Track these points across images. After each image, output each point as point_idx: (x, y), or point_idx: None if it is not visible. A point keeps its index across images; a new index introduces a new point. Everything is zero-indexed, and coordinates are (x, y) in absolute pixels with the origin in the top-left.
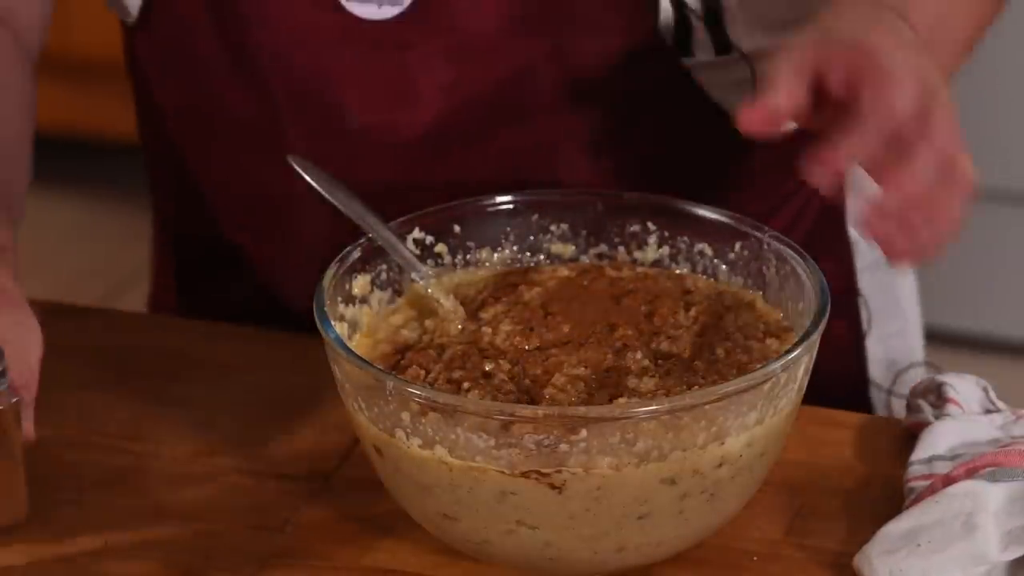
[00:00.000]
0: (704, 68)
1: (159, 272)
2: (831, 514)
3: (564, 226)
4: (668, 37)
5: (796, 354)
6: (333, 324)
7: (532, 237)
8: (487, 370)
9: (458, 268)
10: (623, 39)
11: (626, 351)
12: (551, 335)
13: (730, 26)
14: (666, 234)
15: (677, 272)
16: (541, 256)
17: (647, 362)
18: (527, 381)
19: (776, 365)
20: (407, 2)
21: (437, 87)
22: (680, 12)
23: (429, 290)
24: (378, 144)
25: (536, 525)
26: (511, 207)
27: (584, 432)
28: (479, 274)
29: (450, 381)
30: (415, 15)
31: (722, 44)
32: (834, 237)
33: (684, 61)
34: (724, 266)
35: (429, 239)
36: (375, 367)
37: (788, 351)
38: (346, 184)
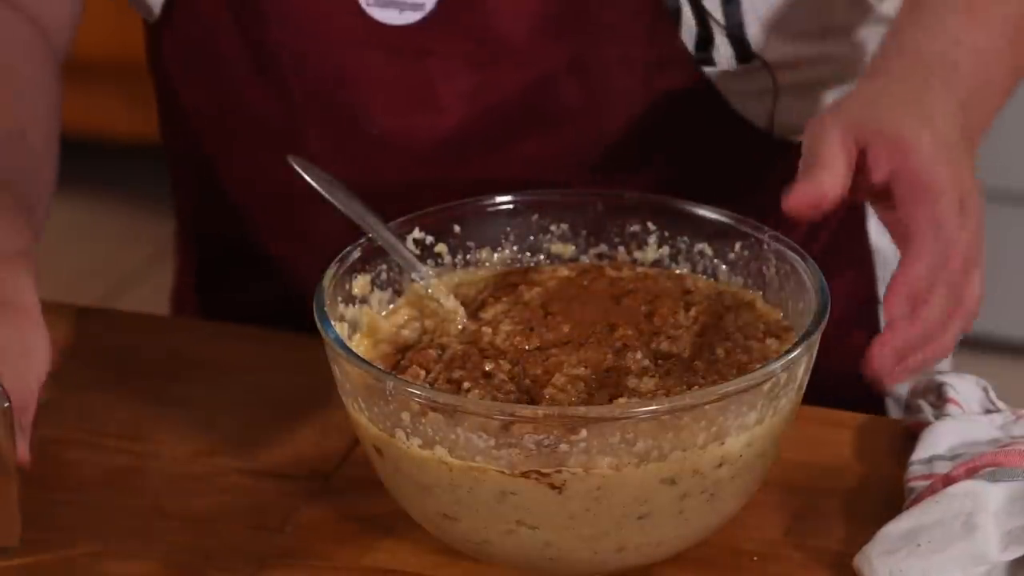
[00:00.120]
0: (725, 77)
1: (181, 271)
2: (831, 514)
3: (564, 226)
4: (690, 46)
5: (796, 354)
6: (333, 324)
7: (532, 237)
8: (487, 370)
9: (458, 268)
10: (644, 48)
11: (626, 351)
12: (551, 335)
13: (752, 35)
14: (666, 234)
15: (677, 272)
16: (541, 256)
17: (647, 362)
18: (527, 381)
19: (776, 365)
20: (429, 8)
21: (458, 94)
22: (702, 21)
23: (429, 290)
24: (398, 148)
25: (536, 525)
26: (511, 207)
27: (584, 432)
28: (479, 274)
29: (450, 381)
30: (437, 21)
31: (744, 53)
32: (855, 246)
33: (705, 70)
34: (724, 266)
35: (429, 239)
36: (375, 367)
37: (788, 351)
38: (346, 184)
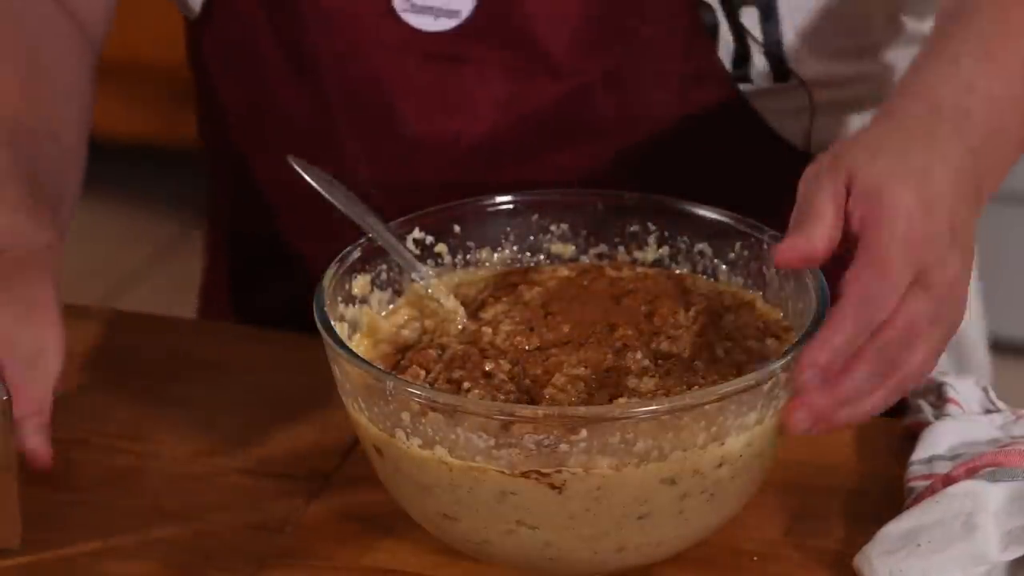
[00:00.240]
0: (762, 95)
1: (211, 269)
2: (831, 514)
3: (564, 226)
4: (727, 63)
5: (796, 354)
6: (333, 324)
7: (532, 237)
8: (487, 370)
9: (458, 268)
10: (681, 63)
11: (626, 351)
12: (551, 335)
13: (789, 53)
14: (666, 234)
15: (677, 272)
16: (541, 256)
17: (647, 362)
18: (527, 381)
19: (776, 365)
20: (464, 15)
21: (492, 101)
22: (740, 38)
23: (429, 290)
24: (432, 152)
25: (536, 525)
26: (511, 207)
27: (584, 432)
28: (479, 274)
29: (450, 381)
30: (472, 29)
31: (781, 71)
32: None
33: (741, 87)
34: (724, 266)
35: (429, 239)
36: (375, 367)
37: (788, 351)
38: (345, 185)
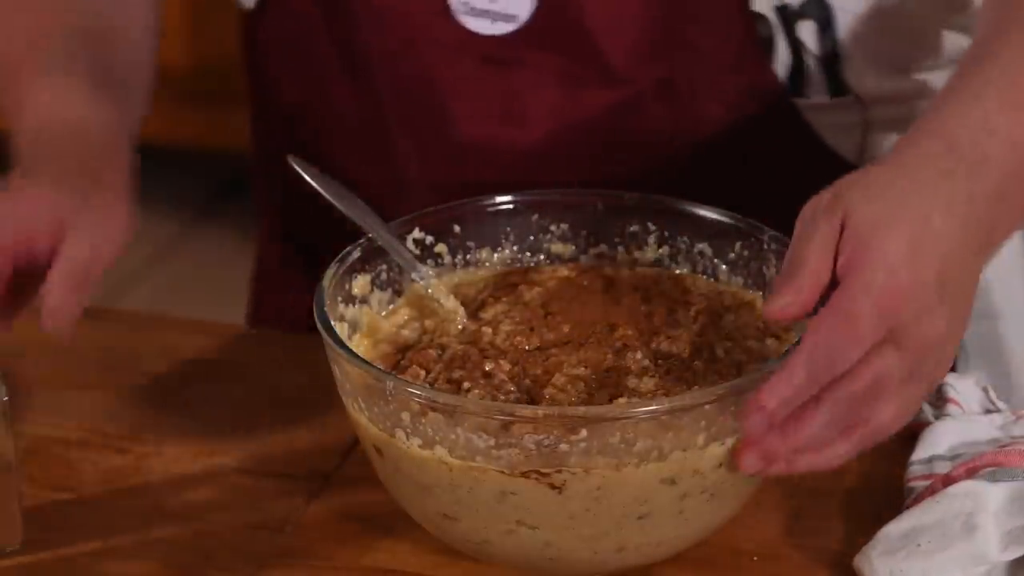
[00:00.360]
0: (816, 109)
1: (260, 277)
2: (831, 514)
3: (564, 226)
4: (782, 75)
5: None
6: (333, 324)
7: (532, 237)
8: (487, 370)
9: (458, 268)
10: (735, 75)
11: (626, 351)
12: (551, 335)
13: (846, 68)
14: (666, 234)
15: (677, 272)
16: (541, 256)
17: (647, 362)
18: (527, 381)
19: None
20: (522, 20)
21: (544, 108)
22: (796, 52)
23: (429, 290)
24: (482, 155)
25: (536, 525)
26: (511, 207)
27: (584, 432)
28: (479, 274)
29: (450, 381)
30: (530, 34)
31: (837, 86)
32: None
33: (796, 101)
34: (724, 266)
35: (429, 239)
36: (375, 367)
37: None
38: (346, 185)
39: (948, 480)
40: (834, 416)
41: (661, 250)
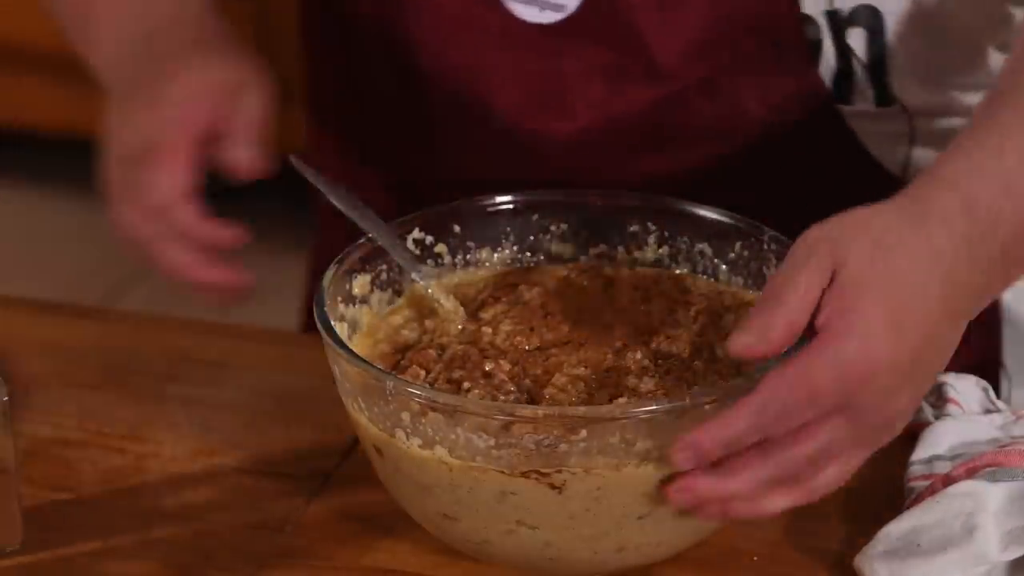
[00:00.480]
0: (861, 117)
1: (315, 273)
2: (831, 514)
3: (564, 226)
4: (828, 81)
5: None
6: (333, 324)
7: (532, 237)
8: (487, 370)
9: (458, 268)
10: (780, 78)
11: (626, 351)
12: (551, 335)
13: (894, 78)
14: (666, 234)
15: (677, 272)
16: (541, 256)
17: (647, 362)
18: (527, 381)
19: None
20: (570, 10)
21: (587, 100)
22: (844, 58)
23: (429, 290)
24: (523, 147)
25: (536, 525)
26: (511, 207)
27: (584, 432)
28: (479, 274)
29: (450, 381)
30: (577, 25)
31: (883, 95)
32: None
33: (841, 108)
34: (724, 266)
35: (429, 239)
36: (375, 367)
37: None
38: (346, 185)
39: (948, 480)
40: (775, 473)
41: (661, 250)
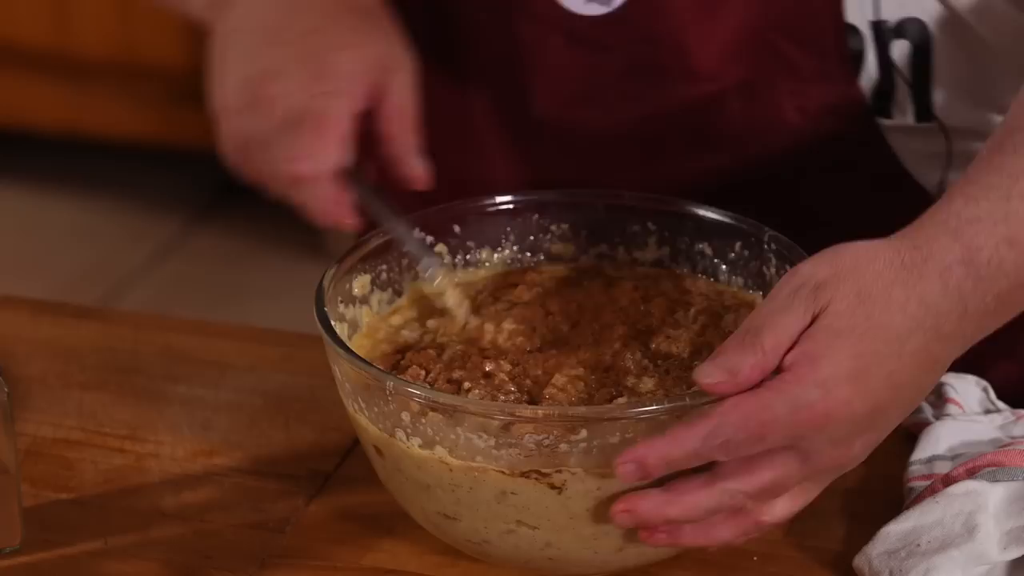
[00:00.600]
0: (898, 132)
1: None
2: (831, 514)
3: (564, 226)
4: (868, 93)
5: None
6: (333, 324)
7: (532, 237)
8: (487, 370)
9: (458, 268)
10: (819, 87)
11: (625, 351)
12: (551, 335)
13: (936, 94)
14: (666, 234)
15: (677, 272)
16: (541, 256)
17: (646, 362)
18: (527, 381)
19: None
20: (616, 4)
21: (624, 95)
22: (886, 70)
23: (435, 283)
24: (557, 137)
25: (536, 525)
26: (511, 207)
27: (584, 432)
28: (479, 274)
29: (450, 381)
30: (620, 19)
31: (923, 111)
32: (1016, 335)
33: (880, 121)
34: (724, 266)
35: (429, 239)
36: (375, 367)
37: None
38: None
39: (948, 480)
40: (722, 504)
41: (661, 250)
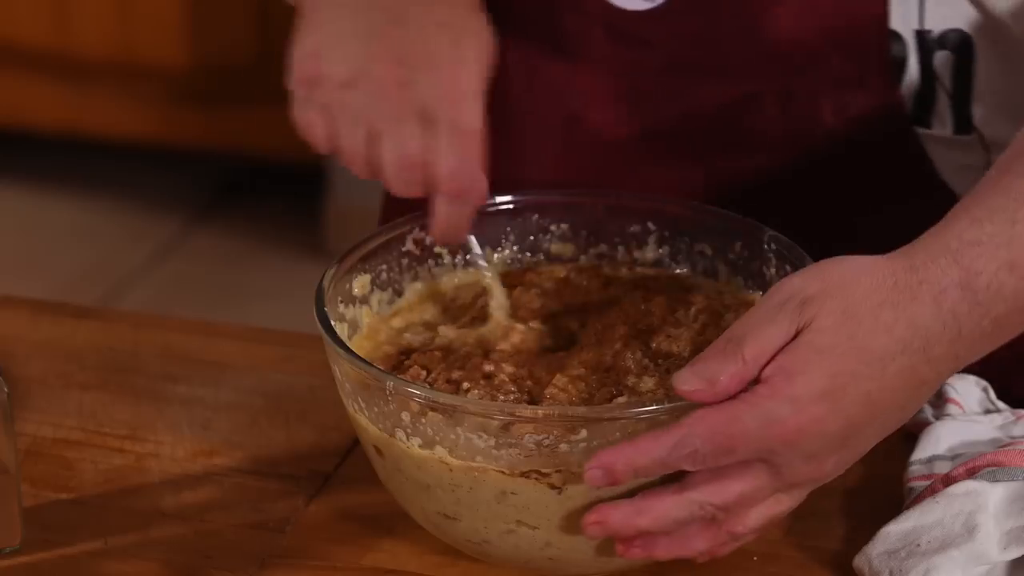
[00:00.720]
0: (937, 142)
1: None
2: (831, 514)
3: (564, 226)
4: (908, 101)
5: None
6: (333, 324)
7: (532, 237)
8: (487, 371)
9: (458, 268)
10: (860, 93)
11: (625, 351)
12: (551, 337)
13: (977, 106)
14: (666, 234)
15: (677, 272)
16: (541, 256)
17: (647, 361)
18: (528, 382)
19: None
20: (659, 0)
21: (662, 91)
22: (927, 80)
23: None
24: (591, 131)
25: (536, 525)
26: (511, 207)
27: (584, 432)
28: (479, 274)
29: (450, 381)
30: (663, 16)
31: (963, 123)
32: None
33: (918, 131)
34: (724, 266)
35: (429, 239)
36: (375, 367)
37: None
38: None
39: (948, 480)
40: (691, 514)
41: (661, 250)
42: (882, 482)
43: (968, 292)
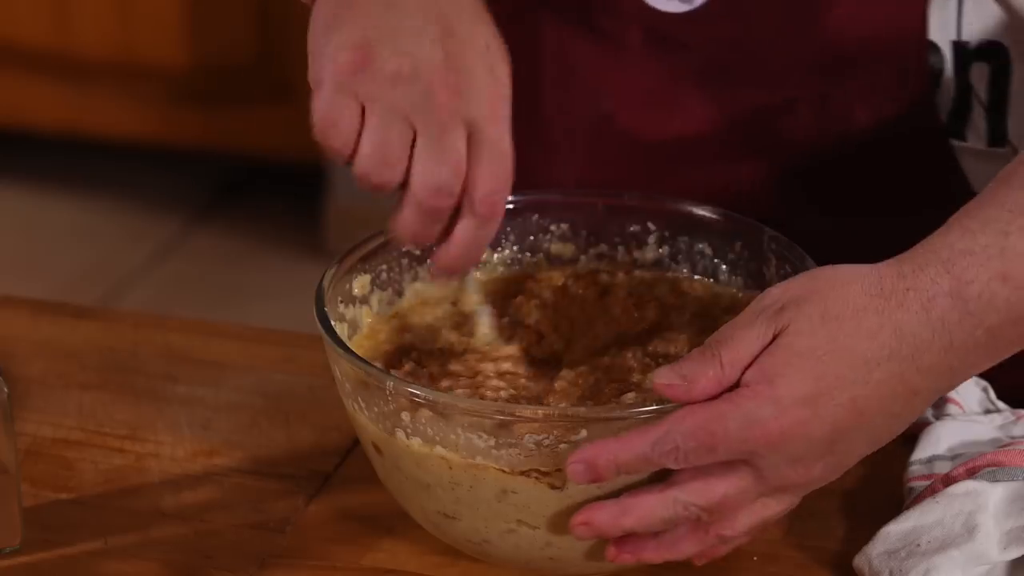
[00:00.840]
0: (971, 155)
1: None
2: (831, 514)
3: (564, 226)
4: (943, 113)
5: None
6: (333, 324)
7: (532, 237)
8: (487, 371)
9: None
10: (895, 102)
11: (625, 352)
12: (552, 337)
13: (1012, 120)
14: (666, 234)
15: (675, 273)
16: (541, 256)
17: (648, 360)
18: (528, 381)
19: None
20: (697, 3)
21: (696, 95)
22: (963, 92)
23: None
24: (622, 133)
25: (536, 525)
26: (511, 207)
27: (584, 432)
28: (479, 275)
29: (450, 381)
30: (700, 19)
31: (998, 136)
32: None
33: (953, 142)
34: (724, 266)
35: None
36: (374, 366)
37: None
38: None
39: (948, 480)
40: (676, 515)
41: (661, 250)
42: (882, 482)
43: (959, 301)
